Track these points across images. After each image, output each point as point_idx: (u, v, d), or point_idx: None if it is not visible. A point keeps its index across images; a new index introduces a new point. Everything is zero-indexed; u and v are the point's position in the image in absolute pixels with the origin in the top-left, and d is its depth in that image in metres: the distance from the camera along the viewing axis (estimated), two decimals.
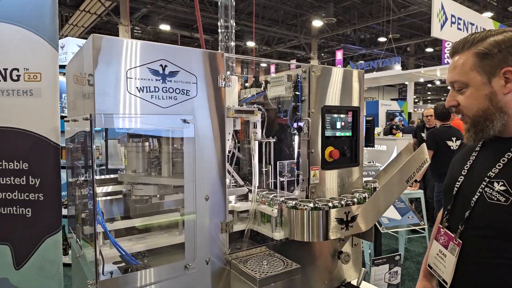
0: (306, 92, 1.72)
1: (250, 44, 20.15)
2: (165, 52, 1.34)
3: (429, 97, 42.47)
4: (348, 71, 1.86)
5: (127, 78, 1.26)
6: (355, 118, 1.91)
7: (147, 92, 1.30)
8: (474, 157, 1.25)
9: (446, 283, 1.20)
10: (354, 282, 1.94)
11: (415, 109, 19.00)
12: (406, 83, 12.25)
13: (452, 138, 4.81)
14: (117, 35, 16.28)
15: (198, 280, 1.45)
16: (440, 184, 4.79)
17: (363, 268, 1.96)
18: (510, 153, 1.12)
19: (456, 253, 1.17)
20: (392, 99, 22.22)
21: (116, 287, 1.28)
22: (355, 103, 1.90)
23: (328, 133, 1.79)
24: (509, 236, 1.06)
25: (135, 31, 19.49)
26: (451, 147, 4.73)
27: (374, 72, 13.42)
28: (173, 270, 1.40)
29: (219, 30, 1.95)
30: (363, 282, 1.99)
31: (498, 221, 1.08)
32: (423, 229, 4.92)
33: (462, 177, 1.25)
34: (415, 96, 22.30)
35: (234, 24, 1.95)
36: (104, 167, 4.77)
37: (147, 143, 1.60)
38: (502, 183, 1.08)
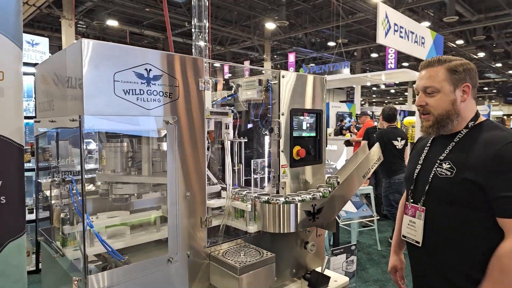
0: (276, 96, 1.87)
1: (200, 43, 20.01)
2: (150, 56, 1.41)
3: (374, 100, 44.89)
4: (312, 77, 2.03)
5: (114, 81, 1.32)
6: (318, 120, 2.09)
7: (133, 94, 1.36)
8: (426, 150, 1.66)
9: (419, 242, 1.55)
10: (318, 270, 2.12)
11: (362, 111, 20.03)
12: (354, 86, 12.94)
13: (398, 138, 5.23)
14: (59, 30, 15.39)
15: (179, 272, 1.53)
16: (387, 180, 5.17)
17: (326, 256, 2.15)
18: (453, 143, 1.53)
19: (422, 217, 1.54)
20: (341, 101, 23.22)
21: (105, 282, 1.33)
22: (318, 106, 2.07)
23: (295, 133, 1.95)
24: (455, 198, 1.44)
25: (79, 25, 18.49)
26: (397, 146, 5.15)
27: (326, 76, 14.03)
28: (157, 264, 1.47)
29: (192, 30, 2.02)
30: (326, 270, 2.17)
31: (448, 189, 1.47)
32: (372, 221, 5.29)
33: (420, 165, 1.63)
34: (361, 99, 23.53)
35: (208, 24, 2.03)
36: (55, 169, 4.63)
37: (125, 144, 1.65)
38: (448, 163, 1.49)
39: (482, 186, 1.35)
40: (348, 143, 8.15)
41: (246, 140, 2.02)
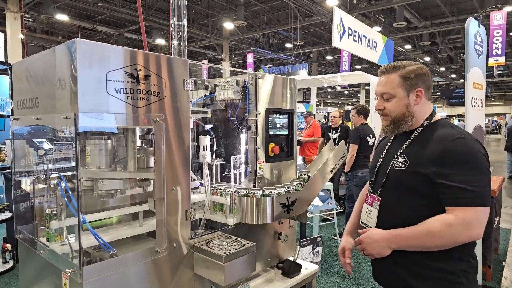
0: (253, 96, 1.99)
1: (160, 41, 19.70)
2: (139, 57, 1.47)
3: (329, 101, 46.44)
4: (285, 79, 2.18)
5: (106, 80, 1.37)
6: (290, 119, 2.24)
7: (124, 93, 1.42)
8: (388, 145, 1.82)
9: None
10: (290, 259, 2.27)
11: (318, 111, 20.70)
12: (310, 87, 13.40)
13: (370, 135, 5.49)
14: (4, 23, 14.45)
15: (166, 263, 1.61)
16: (349, 173, 5.40)
17: (298, 246, 2.30)
18: (410, 140, 1.68)
19: (377, 206, 1.70)
20: (298, 102, 23.82)
21: (98, 273, 1.38)
22: (290, 106, 2.22)
23: (270, 131, 2.08)
24: (407, 188, 1.59)
25: (25, 19, 17.39)
26: (369, 143, 5.40)
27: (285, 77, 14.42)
28: (145, 255, 1.54)
29: (171, 29, 2.08)
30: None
31: (401, 180, 1.62)
32: (332, 216, 5.58)
33: (381, 158, 1.80)
34: (317, 99, 24.30)
35: (186, 23, 2.09)
36: (11, 170, 4.44)
37: (110, 141, 1.69)
38: (403, 157, 1.64)
39: (430, 177, 1.49)
40: (299, 142, 8.07)
41: (223, 162, 2.14)
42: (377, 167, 1.80)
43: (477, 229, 1.45)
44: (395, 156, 1.67)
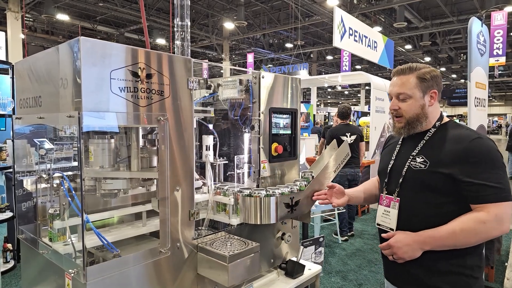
0: (256, 95, 1.98)
1: (160, 41, 19.69)
2: (143, 56, 1.46)
3: (329, 101, 46.43)
4: (288, 78, 2.16)
5: (110, 78, 1.36)
6: (293, 118, 2.23)
7: (128, 92, 1.41)
8: (398, 148, 1.83)
9: (393, 229, 1.70)
10: (293, 259, 2.26)
11: (318, 111, 20.69)
12: (310, 87, 13.38)
13: (346, 134, 5.57)
14: (4, 22, 14.45)
15: (169, 263, 1.60)
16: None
17: (301, 246, 2.29)
18: (424, 140, 1.70)
19: (397, 207, 1.70)
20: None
21: (102, 273, 1.36)
22: (294, 105, 2.21)
23: (273, 131, 2.07)
24: (429, 187, 1.60)
25: (25, 18, 17.37)
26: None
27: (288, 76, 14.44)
28: (149, 255, 1.52)
29: (175, 29, 2.07)
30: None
31: (422, 180, 1.63)
32: (333, 216, 5.57)
33: (393, 160, 1.81)
34: (317, 99, 24.27)
35: (189, 23, 2.09)
36: (11, 169, 4.42)
37: (114, 140, 1.68)
38: (421, 157, 1.66)
39: (453, 176, 1.52)
40: None
41: (226, 161, 2.14)
42: (389, 168, 1.80)
43: (507, 223, 1.50)
44: (411, 157, 1.69)
